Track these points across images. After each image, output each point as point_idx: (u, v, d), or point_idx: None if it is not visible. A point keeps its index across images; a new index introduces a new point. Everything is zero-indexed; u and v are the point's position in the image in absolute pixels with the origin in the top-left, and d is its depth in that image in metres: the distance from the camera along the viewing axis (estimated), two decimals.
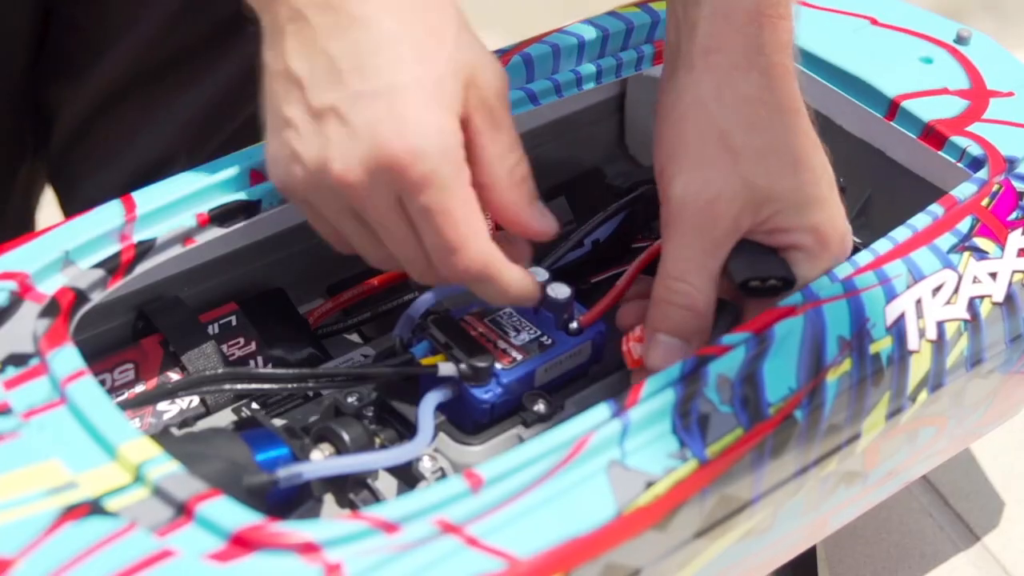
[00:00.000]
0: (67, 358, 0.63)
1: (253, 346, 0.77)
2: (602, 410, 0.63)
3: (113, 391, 0.73)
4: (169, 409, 0.73)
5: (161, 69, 1.00)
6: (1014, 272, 0.76)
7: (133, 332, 0.77)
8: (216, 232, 0.72)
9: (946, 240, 0.74)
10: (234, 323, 0.78)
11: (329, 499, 0.68)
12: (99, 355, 0.74)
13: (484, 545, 0.58)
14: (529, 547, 0.59)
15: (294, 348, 0.78)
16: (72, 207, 1.09)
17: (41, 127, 1.07)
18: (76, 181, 1.08)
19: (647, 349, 0.70)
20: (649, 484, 0.62)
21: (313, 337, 0.79)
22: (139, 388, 0.74)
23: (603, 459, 0.62)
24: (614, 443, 0.63)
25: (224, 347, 0.77)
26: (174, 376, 0.75)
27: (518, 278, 0.68)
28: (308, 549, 0.56)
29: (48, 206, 1.16)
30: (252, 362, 0.77)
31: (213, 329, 0.77)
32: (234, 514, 0.57)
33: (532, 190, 0.69)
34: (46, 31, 1.00)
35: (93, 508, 0.57)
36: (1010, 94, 0.86)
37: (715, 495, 0.65)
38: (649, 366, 0.70)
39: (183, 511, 0.57)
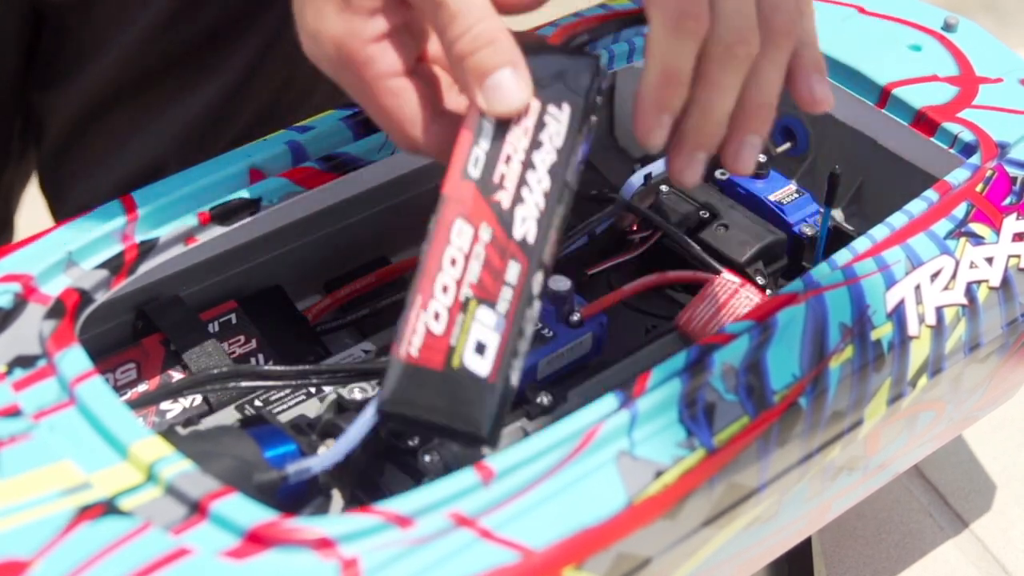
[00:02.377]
0: (75, 359, 0.63)
1: (254, 344, 0.77)
2: (609, 401, 0.64)
3: (116, 391, 0.73)
4: (172, 408, 0.73)
5: (150, 76, 1.00)
6: (1010, 257, 0.76)
7: (133, 332, 0.77)
8: (218, 231, 0.72)
9: (943, 226, 0.75)
10: (234, 321, 0.78)
11: (335, 495, 0.68)
12: (99, 355, 0.74)
13: (498, 537, 0.59)
14: (542, 538, 0.59)
15: (294, 345, 0.78)
16: (63, 213, 1.09)
17: (30, 132, 1.07)
18: (67, 187, 1.08)
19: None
20: (658, 474, 0.63)
21: (313, 333, 0.79)
22: (142, 388, 0.74)
23: (612, 450, 0.63)
24: (622, 433, 0.63)
25: (225, 345, 0.77)
26: (176, 375, 0.75)
27: None
28: (324, 545, 0.56)
29: (37, 208, 1.16)
30: (253, 359, 0.77)
31: (213, 327, 0.77)
32: (248, 511, 0.57)
33: None
34: (37, 36, 1.00)
35: (108, 508, 0.57)
36: (999, 80, 0.87)
37: (723, 483, 0.65)
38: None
39: (197, 509, 0.57)
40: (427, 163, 0.81)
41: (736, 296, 0.76)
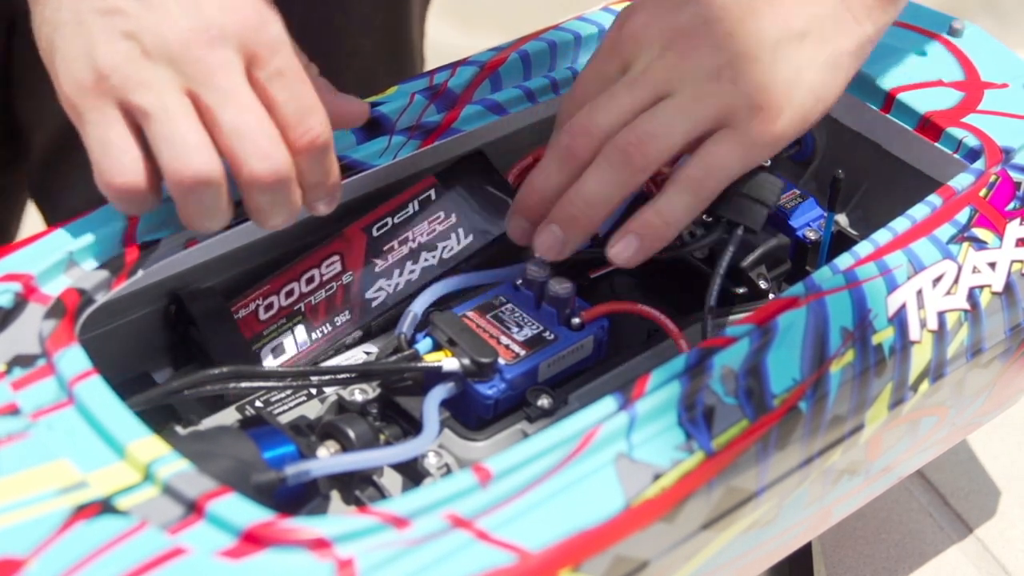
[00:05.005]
0: (74, 359, 0.63)
1: (453, 219, 0.77)
2: (608, 403, 0.64)
3: (322, 286, 0.77)
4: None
5: None
6: (1013, 262, 0.76)
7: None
8: (218, 234, 0.72)
9: (945, 231, 0.75)
10: (433, 197, 0.78)
11: (334, 496, 0.68)
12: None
13: (494, 539, 0.59)
14: (539, 540, 0.59)
15: (497, 216, 0.78)
16: (55, 221, 1.09)
17: (15, 141, 1.07)
18: (56, 195, 1.08)
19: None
20: (656, 476, 0.63)
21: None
22: (346, 279, 0.76)
23: (610, 452, 0.62)
24: (621, 436, 0.63)
25: (425, 223, 0.77)
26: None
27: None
28: (319, 545, 0.56)
29: (36, 210, 1.16)
30: (454, 235, 0.77)
31: (414, 206, 0.78)
32: (244, 511, 0.57)
33: (329, 84, 0.74)
34: (12, 45, 1.00)
35: (104, 507, 0.57)
36: (1004, 85, 0.87)
37: (721, 487, 0.65)
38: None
39: (193, 509, 0.57)
40: (426, 168, 0.81)
41: None
